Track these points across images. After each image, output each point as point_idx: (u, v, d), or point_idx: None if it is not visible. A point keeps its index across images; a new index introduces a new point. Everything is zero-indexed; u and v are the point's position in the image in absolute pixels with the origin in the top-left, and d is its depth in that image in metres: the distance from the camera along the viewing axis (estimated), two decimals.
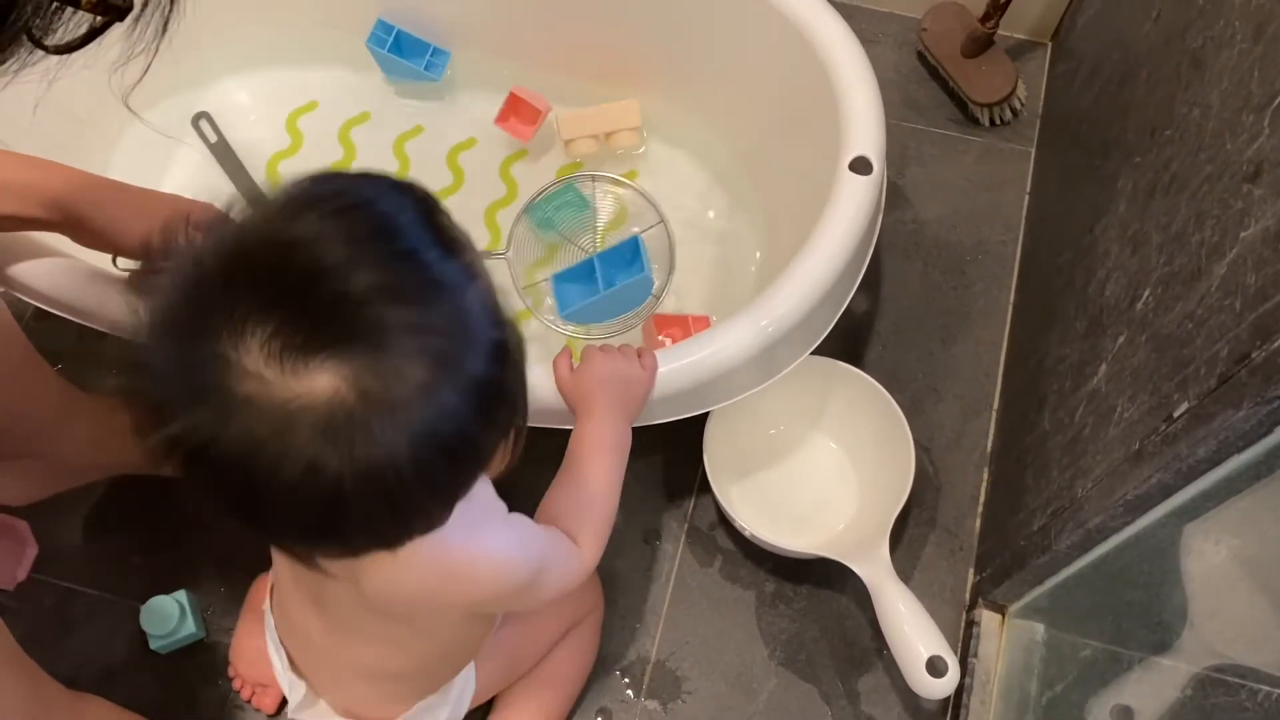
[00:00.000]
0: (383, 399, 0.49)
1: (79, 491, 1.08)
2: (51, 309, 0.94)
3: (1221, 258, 0.64)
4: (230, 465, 0.50)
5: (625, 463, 0.84)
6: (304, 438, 0.49)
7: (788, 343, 0.92)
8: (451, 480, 0.56)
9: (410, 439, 0.50)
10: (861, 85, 0.99)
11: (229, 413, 0.49)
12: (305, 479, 0.49)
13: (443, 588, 0.67)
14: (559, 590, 0.77)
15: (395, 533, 0.56)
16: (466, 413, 0.52)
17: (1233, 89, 0.70)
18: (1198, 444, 0.62)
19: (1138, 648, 0.86)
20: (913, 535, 1.10)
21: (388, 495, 0.51)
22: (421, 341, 0.51)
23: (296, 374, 0.48)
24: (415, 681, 0.85)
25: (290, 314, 0.49)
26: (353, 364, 0.49)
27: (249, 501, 0.52)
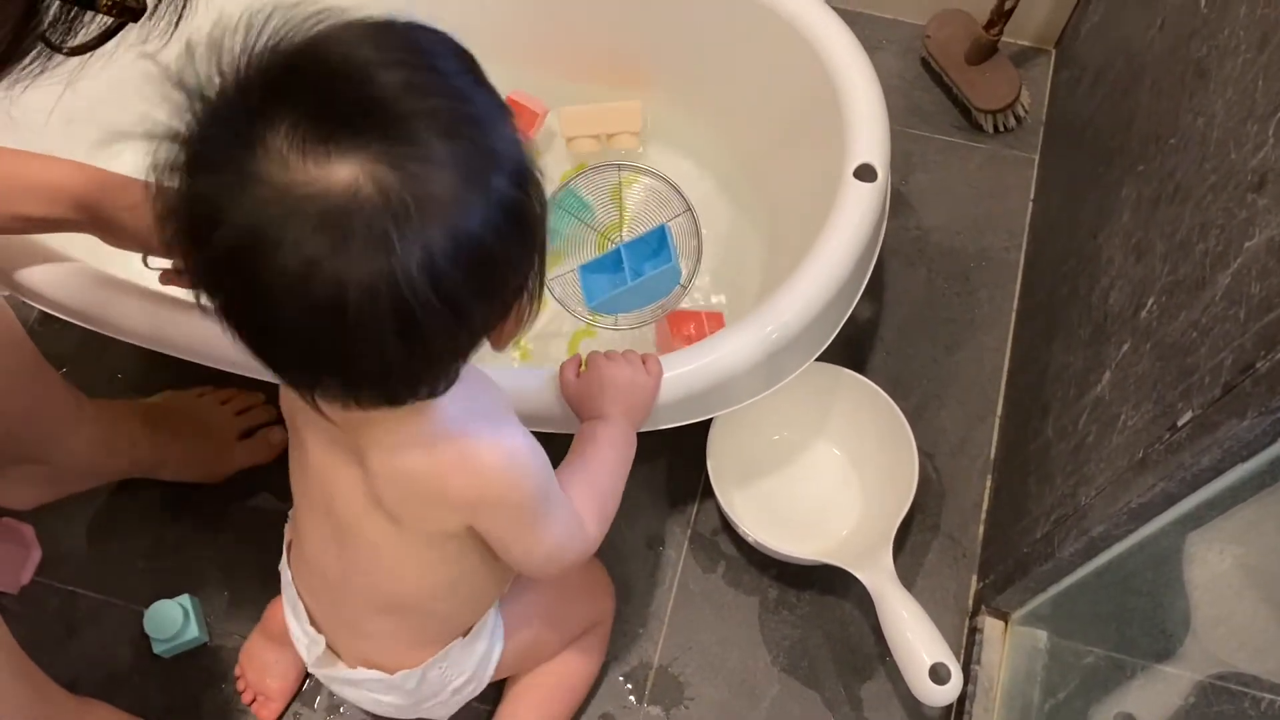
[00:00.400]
0: (401, 200, 0.49)
1: (84, 496, 1.08)
2: (57, 314, 0.94)
3: (1226, 267, 0.64)
4: (237, 253, 0.50)
5: (629, 459, 0.84)
6: (308, 228, 0.49)
7: (792, 349, 0.92)
8: (464, 311, 0.54)
9: (425, 250, 0.50)
10: (866, 93, 0.99)
11: (244, 186, 0.49)
12: (304, 275, 0.49)
13: (444, 472, 0.66)
14: (558, 546, 0.75)
15: (398, 370, 0.56)
16: (487, 232, 0.52)
17: (1237, 98, 0.70)
18: (1202, 453, 0.62)
19: (1141, 655, 0.86)
20: (916, 542, 1.10)
21: (395, 312, 0.51)
22: (450, 147, 0.51)
23: (318, 162, 0.49)
24: (431, 619, 0.82)
25: (320, 104, 0.50)
26: (376, 158, 0.49)
27: (252, 303, 0.52)
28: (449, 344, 0.57)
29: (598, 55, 1.25)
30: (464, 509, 0.70)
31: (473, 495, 0.68)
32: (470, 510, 0.70)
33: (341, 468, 0.70)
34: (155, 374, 1.16)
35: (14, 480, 1.00)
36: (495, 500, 0.69)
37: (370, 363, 0.54)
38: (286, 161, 0.49)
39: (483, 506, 0.70)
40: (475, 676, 0.88)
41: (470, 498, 0.69)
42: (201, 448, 1.09)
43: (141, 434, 1.05)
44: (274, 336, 0.55)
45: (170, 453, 1.07)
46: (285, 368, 0.58)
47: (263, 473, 1.13)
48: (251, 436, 1.13)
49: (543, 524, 0.73)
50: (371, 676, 0.84)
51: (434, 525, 0.72)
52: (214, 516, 1.12)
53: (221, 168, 0.50)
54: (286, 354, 0.56)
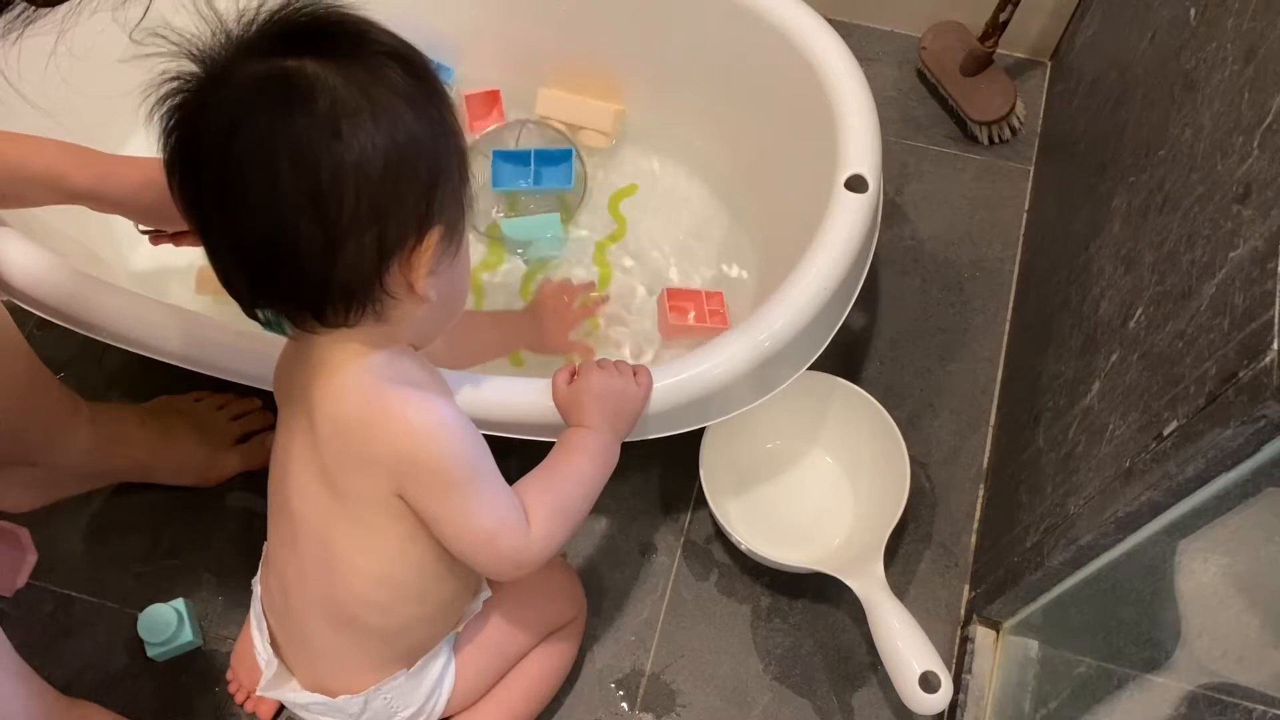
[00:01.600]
0: (353, 101, 0.62)
1: (79, 499, 1.09)
2: (54, 319, 0.95)
3: (1211, 277, 0.65)
4: (205, 129, 0.63)
5: (606, 475, 0.84)
6: (246, 92, 0.61)
7: (784, 359, 0.92)
8: (374, 205, 0.63)
9: (360, 144, 0.62)
10: (858, 104, 1.00)
11: (223, 80, 0.62)
12: (236, 136, 0.61)
13: (372, 421, 0.71)
14: (492, 533, 0.75)
15: (316, 266, 0.64)
16: (408, 146, 0.64)
17: (1224, 110, 0.71)
18: (1187, 462, 0.63)
19: (1131, 665, 0.86)
20: (908, 551, 1.11)
21: (314, 191, 0.61)
22: (401, 79, 0.65)
23: (281, 58, 0.62)
24: (379, 636, 0.83)
25: (308, 34, 0.63)
26: (327, 63, 0.62)
27: (200, 178, 0.64)
28: (358, 240, 0.64)
29: (593, 66, 1.26)
30: (390, 466, 0.72)
31: (397, 449, 0.71)
32: (395, 469, 0.72)
33: (296, 444, 0.75)
34: (151, 379, 1.16)
35: (10, 483, 1.00)
36: (418, 459, 0.71)
37: (289, 253, 0.63)
38: (268, 59, 0.62)
39: (406, 466, 0.72)
40: (424, 710, 0.89)
41: (394, 451, 0.71)
42: (197, 452, 1.10)
43: (138, 437, 1.06)
44: (224, 225, 0.64)
45: (166, 457, 1.08)
46: (233, 273, 0.67)
47: (258, 478, 1.13)
48: (247, 442, 1.13)
49: (472, 501, 0.74)
50: (316, 700, 0.85)
51: (364, 485, 0.74)
52: (209, 521, 1.12)
53: (219, 65, 0.63)
54: (232, 248, 0.65)
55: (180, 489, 1.12)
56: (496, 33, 1.27)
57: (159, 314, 0.93)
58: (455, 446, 0.72)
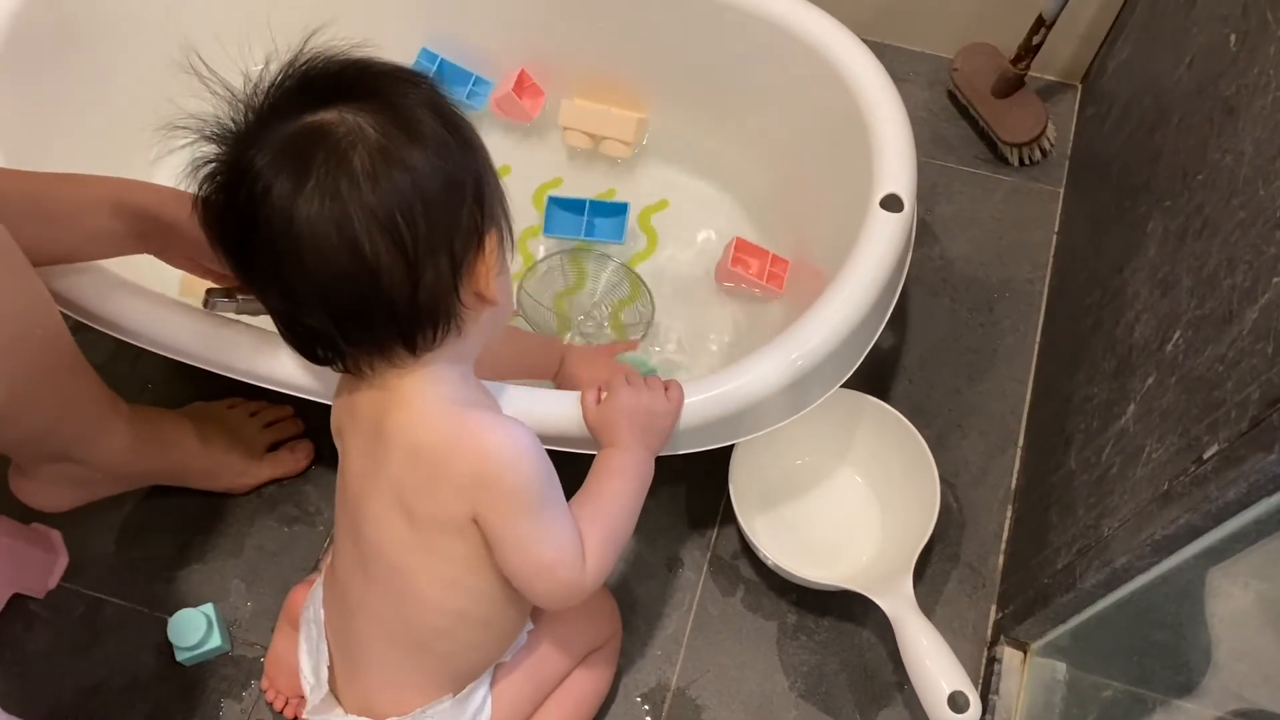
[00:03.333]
0: (375, 143, 0.64)
1: (111, 502, 1.09)
2: (89, 322, 0.96)
3: (1254, 302, 0.65)
4: (251, 201, 0.64)
5: (644, 493, 0.85)
6: (290, 154, 0.63)
7: (817, 377, 0.92)
8: (441, 226, 0.66)
9: (411, 179, 0.64)
10: (894, 124, 1.00)
11: (257, 142, 0.64)
12: (298, 199, 0.63)
13: (450, 443, 0.72)
14: (553, 562, 0.76)
15: (400, 299, 0.66)
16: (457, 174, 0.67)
17: (1266, 136, 0.71)
18: (1227, 486, 0.63)
19: (1161, 690, 0.86)
20: (936, 570, 1.11)
21: (389, 230, 0.64)
22: (432, 122, 0.67)
23: (314, 112, 0.64)
24: (434, 658, 0.83)
25: (333, 83, 0.66)
26: (359, 111, 0.64)
27: (272, 253, 0.65)
28: (434, 261, 0.67)
29: (630, 82, 1.27)
30: (466, 488, 0.73)
31: (474, 469, 0.72)
32: (471, 491, 0.73)
33: (371, 465, 0.76)
34: (185, 384, 1.18)
35: (45, 480, 1.01)
36: (494, 480, 0.72)
37: (372, 294, 0.66)
38: (300, 116, 0.64)
39: (482, 488, 0.73)
40: None
41: (471, 471, 0.72)
42: (230, 458, 1.11)
43: (173, 440, 1.06)
44: (298, 281, 0.66)
45: (198, 461, 1.09)
46: (313, 334, 0.70)
47: (289, 485, 1.14)
48: (278, 449, 1.14)
49: (540, 524, 0.75)
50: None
51: (441, 511, 0.74)
52: (239, 527, 1.13)
53: (251, 135, 0.65)
54: (310, 312, 0.67)
55: (211, 494, 1.12)
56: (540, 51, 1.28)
57: (192, 320, 0.94)
58: (532, 469, 0.73)
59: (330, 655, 0.88)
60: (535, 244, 1.27)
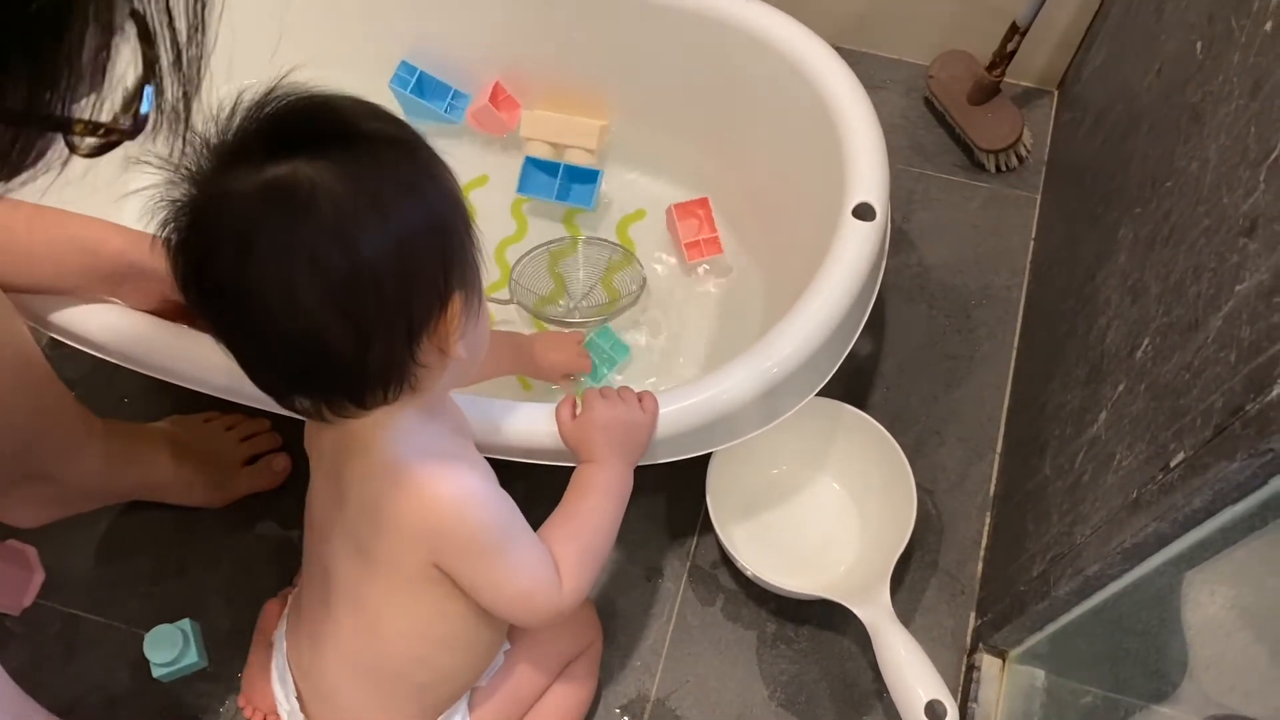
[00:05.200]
0: (352, 194, 0.60)
1: (88, 517, 1.09)
2: (66, 340, 0.95)
3: (1218, 310, 0.65)
4: (208, 244, 0.61)
5: (623, 506, 0.85)
6: (263, 207, 0.59)
7: (792, 385, 0.92)
8: (399, 293, 0.62)
9: (371, 239, 0.60)
10: (866, 133, 1.00)
11: (222, 185, 0.60)
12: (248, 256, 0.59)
13: (402, 501, 0.71)
14: (526, 592, 0.76)
15: (352, 362, 0.63)
16: (420, 230, 0.63)
17: (1230, 144, 0.71)
18: (1193, 494, 0.63)
19: (1137, 695, 0.86)
20: (915, 578, 1.11)
21: (337, 292, 0.60)
22: (394, 155, 0.63)
23: (287, 160, 0.59)
24: (405, 692, 0.84)
25: (295, 126, 0.61)
26: (328, 162, 0.60)
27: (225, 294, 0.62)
28: (386, 328, 0.63)
29: (605, 95, 1.27)
30: (423, 539, 0.73)
31: (428, 523, 0.72)
32: (429, 542, 0.73)
33: (333, 506, 0.75)
34: (162, 399, 1.17)
35: (20, 499, 1.01)
36: (449, 531, 0.72)
37: (322, 354, 0.62)
38: (261, 167, 0.60)
39: (436, 539, 0.73)
40: None
41: (425, 525, 0.72)
42: (206, 472, 1.10)
43: (149, 457, 1.06)
44: (247, 336, 0.64)
45: (175, 476, 1.08)
46: (263, 376, 0.66)
47: (266, 499, 1.14)
48: (255, 463, 1.14)
49: (505, 562, 0.75)
50: None
51: (400, 560, 0.74)
52: (216, 542, 1.12)
53: (211, 180, 0.61)
54: (259, 359, 0.65)
55: (188, 509, 1.12)
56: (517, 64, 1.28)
57: (165, 334, 0.94)
58: (484, 516, 0.73)
59: (296, 685, 0.88)
60: (516, 249, 1.27)
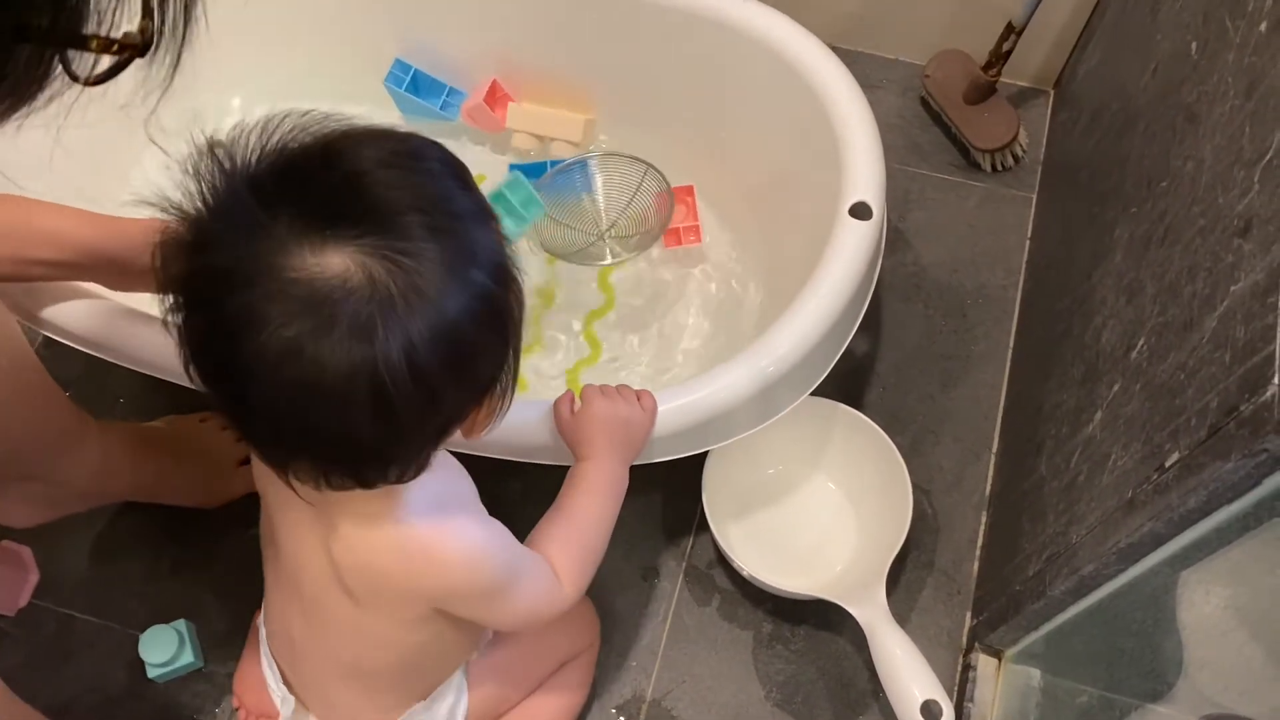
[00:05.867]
0: (388, 289, 0.53)
1: (83, 518, 1.09)
2: (61, 339, 0.95)
3: (1213, 310, 0.65)
4: (224, 327, 0.54)
5: (619, 504, 0.85)
6: (294, 310, 0.53)
7: (787, 384, 0.92)
8: (438, 397, 0.57)
9: (406, 338, 0.54)
10: (862, 132, 1.00)
11: (241, 267, 0.53)
12: (285, 355, 0.53)
13: (409, 567, 0.69)
14: (532, 610, 0.77)
15: (369, 453, 0.58)
16: (465, 323, 0.56)
17: (1225, 144, 0.71)
18: (1188, 494, 0.63)
19: (1133, 695, 0.86)
20: (911, 577, 1.11)
21: (372, 396, 0.54)
22: (435, 243, 0.55)
23: (314, 249, 0.53)
24: (395, 686, 0.84)
25: (321, 198, 0.54)
26: (368, 250, 0.53)
27: (235, 377, 0.55)
28: (421, 429, 0.59)
29: (601, 92, 1.27)
30: (429, 598, 0.73)
31: (436, 587, 0.71)
32: (435, 599, 0.73)
33: (309, 552, 0.72)
34: (157, 399, 1.17)
35: (14, 499, 1.00)
36: (458, 590, 0.72)
37: (342, 444, 0.57)
38: (286, 247, 0.53)
39: (447, 596, 0.73)
40: None
41: (434, 589, 0.71)
42: (201, 473, 1.10)
43: (143, 456, 1.06)
44: (252, 412, 0.57)
45: (171, 477, 1.08)
46: (261, 442, 0.60)
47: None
48: (250, 463, 1.13)
49: (512, 599, 0.75)
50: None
51: (401, 611, 0.74)
52: (212, 542, 1.12)
53: (223, 249, 0.54)
54: (263, 430, 0.59)
55: (184, 510, 1.12)
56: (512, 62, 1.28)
57: (162, 332, 0.93)
58: (492, 565, 0.72)
59: (281, 671, 0.88)
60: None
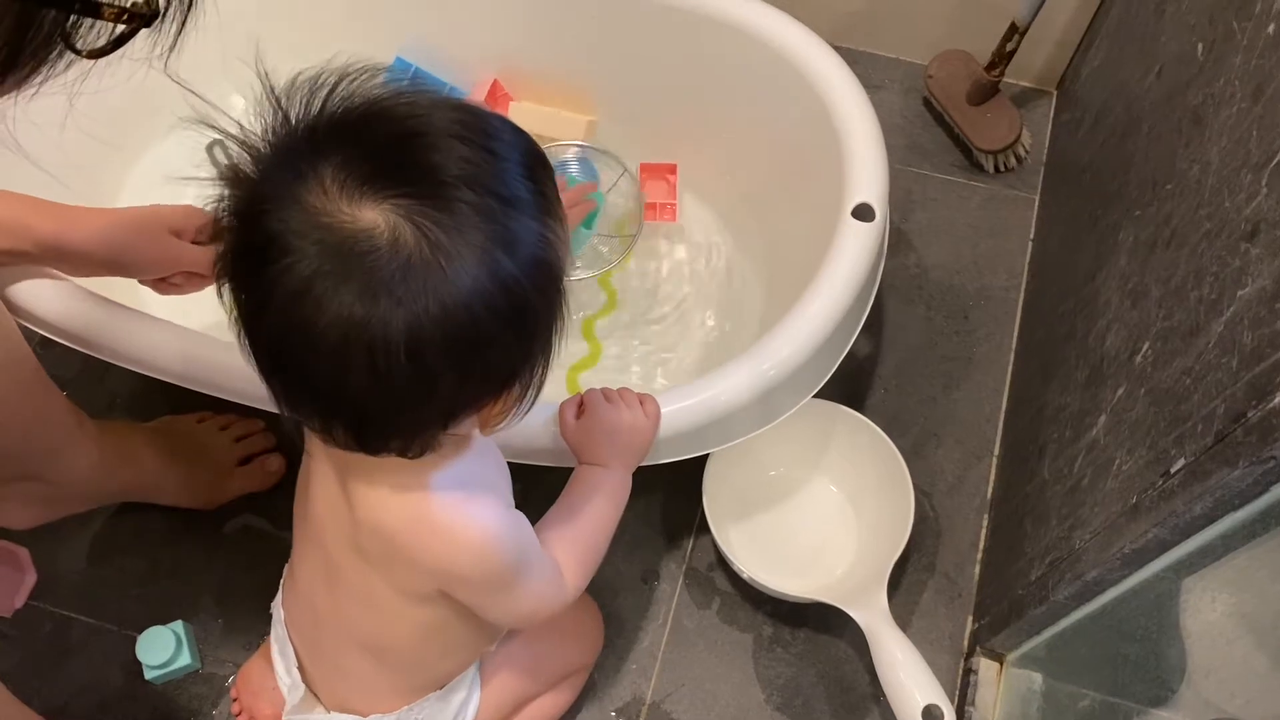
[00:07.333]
0: (409, 256, 0.52)
1: (80, 519, 1.08)
2: (58, 339, 0.94)
3: (1219, 315, 0.64)
4: (252, 252, 0.54)
5: (621, 509, 0.84)
6: (317, 251, 0.52)
7: (789, 387, 0.92)
8: (434, 381, 0.56)
9: (413, 311, 0.52)
10: (865, 133, 0.99)
11: (281, 200, 0.53)
12: (298, 293, 0.53)
13: (423, 540, 0.68)
14: (535, 608, 0.77)
15: (367, 416, 0.57)
16: (480, 312, 0.54)
17: (1232, 147, 0.70)
18: (1194, 501, 0.62)
19: (1136, 700, 0.85)
20: (912, 580, 1.10)
21: (366, 358, 0.53)
22: (478, 223, 0.53)
23: (351, 199, 0.52)
24: (409, 667, 0.84)
25: (373, 151, 0.54)
26: (404, 213, 0.52)
27: (254, 305, 0.56)
28: (418, 406, 0.58)
29: (580, 82, 1.26)
30: (434, 575, 0.72)
31: (442, 564, 0.70)
32: (440, 577, 0.72)
33: (335, 505, 0.72)
34: (154, 399, 1.16)
35: (11, 499, 1.00)
36: (464, 573, 0.71)
37: (340, 399, 0.57)
38: (326, 190, 0.53)
39: (452, 577, 0.71)
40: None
41: (439, 566, 0.70)
42: (199, 473, 1.09)
43: (141, 456, 1.05)
44: (262, 345, 0.57)
45: (168, 477, 1.08)
46: (270, 381, 0.60)
47: (259, 500, 1.13)
48: (249, 464, 1.13)
49: (517, 592, 0.74)
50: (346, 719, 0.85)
51: (407, 583, 0.73)
52: (209, 543, 1.12)
53: (274, 180, 0.54)
54: (271, 366, 0.59)
55: (182, 510, 1.11)
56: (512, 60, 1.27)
57: (161, 333, 0.93)
58: (502, 555, 0.70)
59: (298, 654, 0.88)
60: None
